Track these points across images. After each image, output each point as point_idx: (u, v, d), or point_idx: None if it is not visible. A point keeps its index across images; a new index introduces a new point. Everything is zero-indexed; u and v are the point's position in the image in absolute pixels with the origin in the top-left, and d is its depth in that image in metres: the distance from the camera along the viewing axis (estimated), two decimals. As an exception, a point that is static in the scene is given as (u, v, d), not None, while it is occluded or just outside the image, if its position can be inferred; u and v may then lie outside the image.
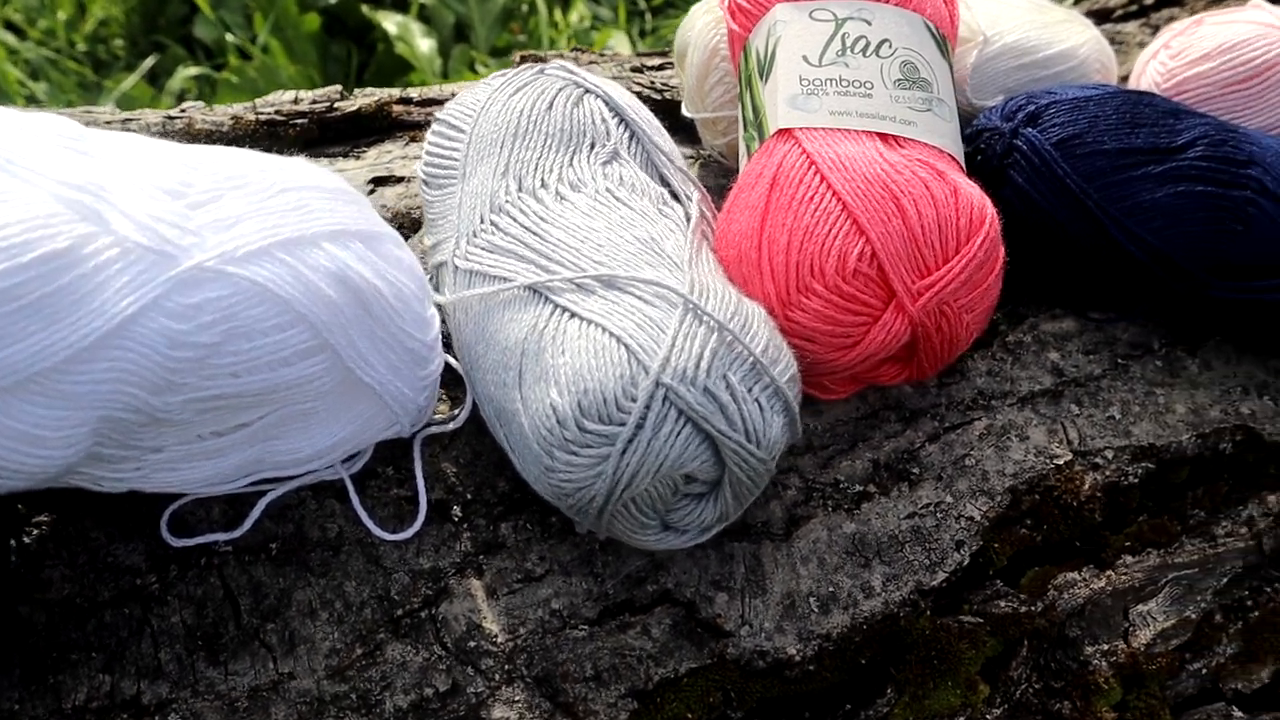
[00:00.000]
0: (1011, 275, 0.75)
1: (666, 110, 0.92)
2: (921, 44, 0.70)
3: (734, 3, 0.74)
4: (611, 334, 0.57)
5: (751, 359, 0.58)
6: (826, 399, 0.70)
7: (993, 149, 0.75)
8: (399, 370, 0.60)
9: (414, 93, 0.94)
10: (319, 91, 0.93)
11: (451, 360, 0.67)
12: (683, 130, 0.91)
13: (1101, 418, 0.73)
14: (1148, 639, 0.68)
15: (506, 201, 0.65)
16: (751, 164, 0.68)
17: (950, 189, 0.65)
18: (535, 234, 0.63)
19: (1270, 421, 0.75)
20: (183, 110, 0.90)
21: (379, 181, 0.83)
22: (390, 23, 2.19)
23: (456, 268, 0.64)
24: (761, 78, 0.70)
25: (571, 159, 0.66)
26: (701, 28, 0.82)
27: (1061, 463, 0.71)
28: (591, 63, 1.03)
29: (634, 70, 0.98)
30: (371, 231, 0.58)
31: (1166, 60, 0.84)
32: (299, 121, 0.89)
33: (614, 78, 0.96)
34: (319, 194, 0.57)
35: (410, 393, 0.61)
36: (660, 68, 0.99)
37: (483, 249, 0.64)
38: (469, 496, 0.65)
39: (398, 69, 2.16)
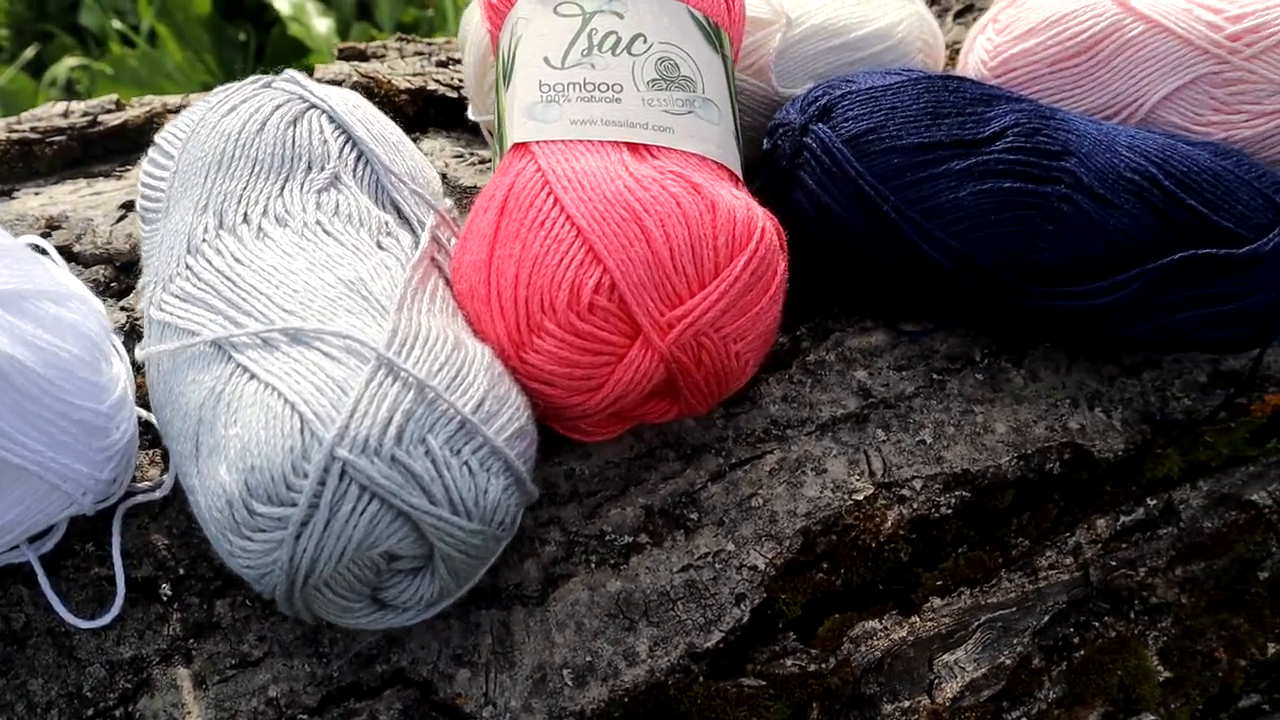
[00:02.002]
0: (815, 287, 0.68)
1: (465, 109, 0.84)
2: (684, 37, 0.62)
3: (486, -1, 0.66)
4: (286, 399, 0.49)
5: (459, 418, 0.51)
6: (592, 440, 0.63)
7: (783, 148, 0.68)
8: (66, 445, 0.52)
9: (194, 99, 0.86)
10: (92, 102, 0.85)
11: (155, 420, 0.59)
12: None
13: (911, 443, 0.66)
14: (954, 692, 0.61)
15: (204, 241, 0.57)
16: (488, 184, 0.60)
17: (707, 204, 0.57)
18: (229, 279, 0.55)
19: (1102, 436, 0.68)
20: (-69, 131, 0.82)
21: (131, 206, 0.76)
22: (284, 2, 2.09)
23: (152, 319, 0.57)
24: (505, 83, 0.62)
25: (283, 188, 0.59)
26: (477, 23, 0.74)
27: (861, 497, 0.64)
28: (418, 53, 0.95)
29: (440, 65, 0.90)
30: (14, 290, 0.51)
31: (993, 36, 0.76)
32: (57, 139, 0.81)
33: (416, 73, 0.88)
34: (-54, 251, 0.50)
35: (86, 468, 0.54)
36: (471, 60, 0.91)
37: (176, 297, 0.56)
38: (181, 571, 0.58)
39: (294, 51, 2.07)
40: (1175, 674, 0.65)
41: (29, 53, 2.00)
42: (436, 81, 0.85)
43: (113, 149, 0.83)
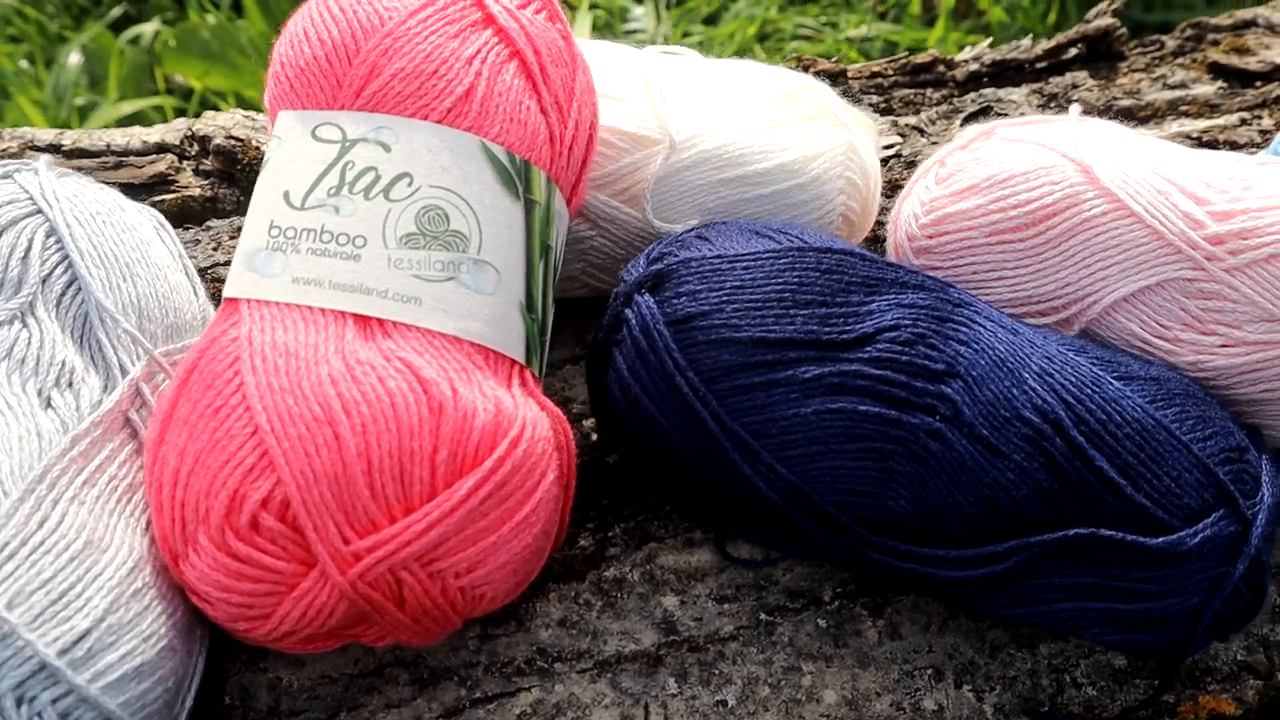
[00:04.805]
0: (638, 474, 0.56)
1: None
2: (467, 179, 0.50)
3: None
4: None
5: (37, 659, 0.41)
6: (305, 651, 0.52)
7: (607, 314, 0.55)
8: None
9: (67, 139, 0.78)
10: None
11: None
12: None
13: (708, 702, 0.53)
14: None
15: None
16: (193, 347, 0.50)
17: (432, 406, 0.46)
18: None
19: (963, 726, 0.54)
20: None
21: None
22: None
23: None
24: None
25: (-38, 316, 0.50)
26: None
27: (625, 767, 0.51)
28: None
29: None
30: None
31: (932, 185, 0.61)
32: (-98, 173, 0.74)
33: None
34: None
35: None
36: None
37: None
38: None
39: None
40: None
41: (116, 11, 1.99)
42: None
43: (-34, 186, 0.75)
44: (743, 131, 0.61)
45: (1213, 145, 0.77)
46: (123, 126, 1.41)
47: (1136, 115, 0.82)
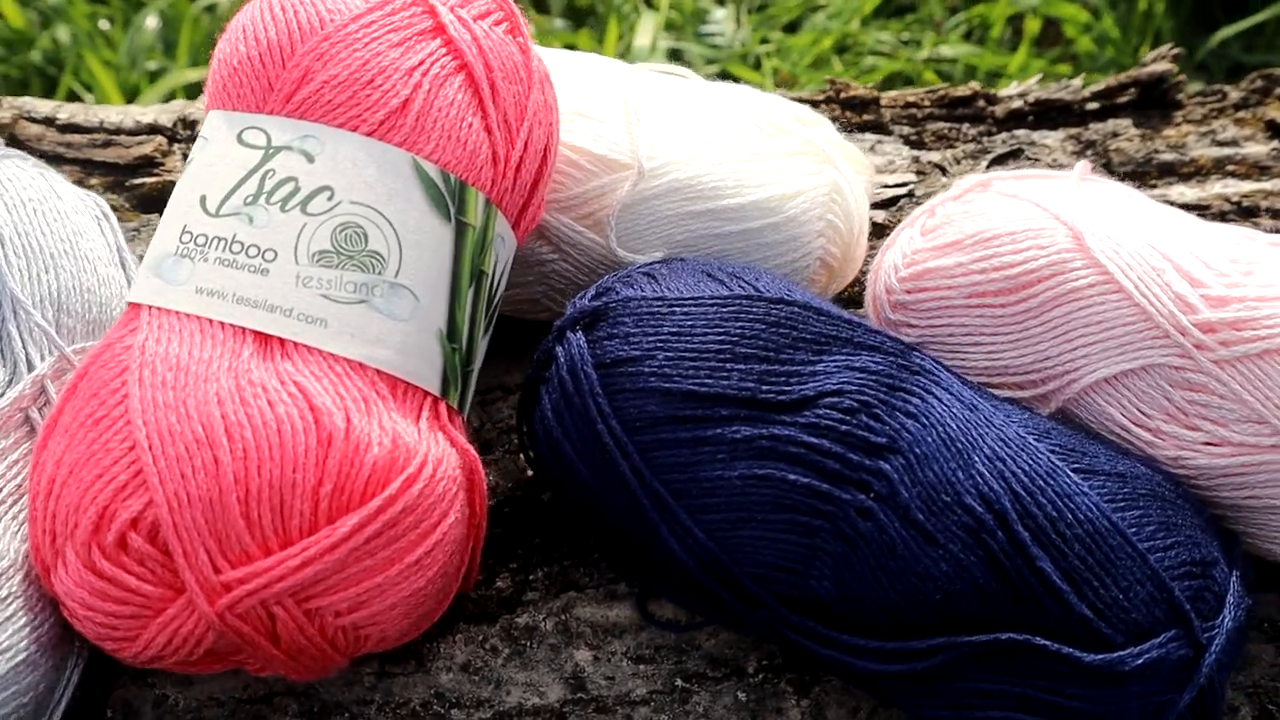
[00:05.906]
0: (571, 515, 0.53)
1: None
2: (391, 198, 0.47)
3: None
4: None
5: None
6: (187, 672, 0.50)
7: (539, 350, 0.52)
8: None
9: (63, 112, 0.77)
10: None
11: None
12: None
13: (608, 769, 0.50)
14: None
15: None
16: (90, 351, 0.48)
17: (321, 436, 0.43)
18: None
19: (880, 826, 0.50)
20: None
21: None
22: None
23: None
24: (169, 216, 0.50)
25: (-126, 296, 0.49)
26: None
27: (509, 830, 0.49)
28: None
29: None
30: None
31: (917, 237, 0.57)
32: (-100, 135, 0.74)
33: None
34: None
35: None
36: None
37: None
38: None
39: None
40: None
41: (198, -25, 2.01)
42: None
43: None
44: (718, 163, 0.58)
45: (1253, 211, 0.71)
46: (190, 96, 1.42)
47: (1178, 171, 0.76)
